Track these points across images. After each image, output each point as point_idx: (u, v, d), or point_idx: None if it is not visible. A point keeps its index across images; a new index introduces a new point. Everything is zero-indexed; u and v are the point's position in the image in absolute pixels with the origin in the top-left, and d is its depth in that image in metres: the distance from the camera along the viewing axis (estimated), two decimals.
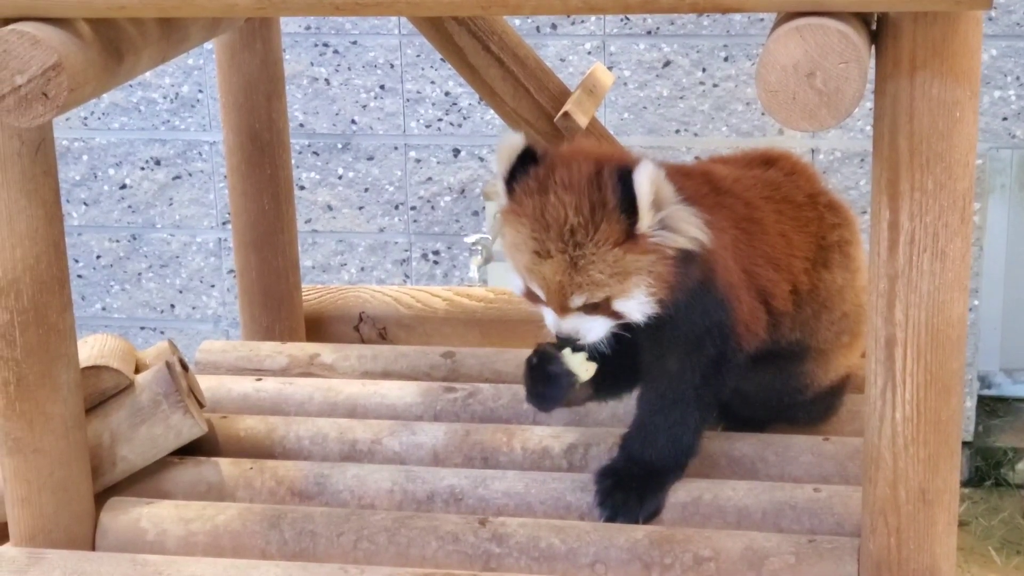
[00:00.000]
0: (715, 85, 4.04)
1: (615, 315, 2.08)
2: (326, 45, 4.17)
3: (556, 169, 2.06)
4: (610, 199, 2.02)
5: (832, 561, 2.08)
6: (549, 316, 2.11)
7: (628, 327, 2.10)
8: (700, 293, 2.13)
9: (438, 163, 4.21)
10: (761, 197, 2.29)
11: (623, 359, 2.19)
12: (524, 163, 2.09)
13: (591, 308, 2.08)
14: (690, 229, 2.06)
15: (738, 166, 2.38)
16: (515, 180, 2.09)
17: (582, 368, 2.16)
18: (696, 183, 2.19)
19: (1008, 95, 3.95)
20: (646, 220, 2.02)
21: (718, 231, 2.13)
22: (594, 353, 2.15)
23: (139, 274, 4.44)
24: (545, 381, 2.21)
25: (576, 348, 2.15)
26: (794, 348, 2.34)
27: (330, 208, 4.30)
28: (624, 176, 2.03)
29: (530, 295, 2.13)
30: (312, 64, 4.19)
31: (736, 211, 2.22)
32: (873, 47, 1.83)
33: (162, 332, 4.47)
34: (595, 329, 2.10)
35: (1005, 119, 3.97)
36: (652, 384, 2.22)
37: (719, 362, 2.19)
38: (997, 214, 4.13)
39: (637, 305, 2.07)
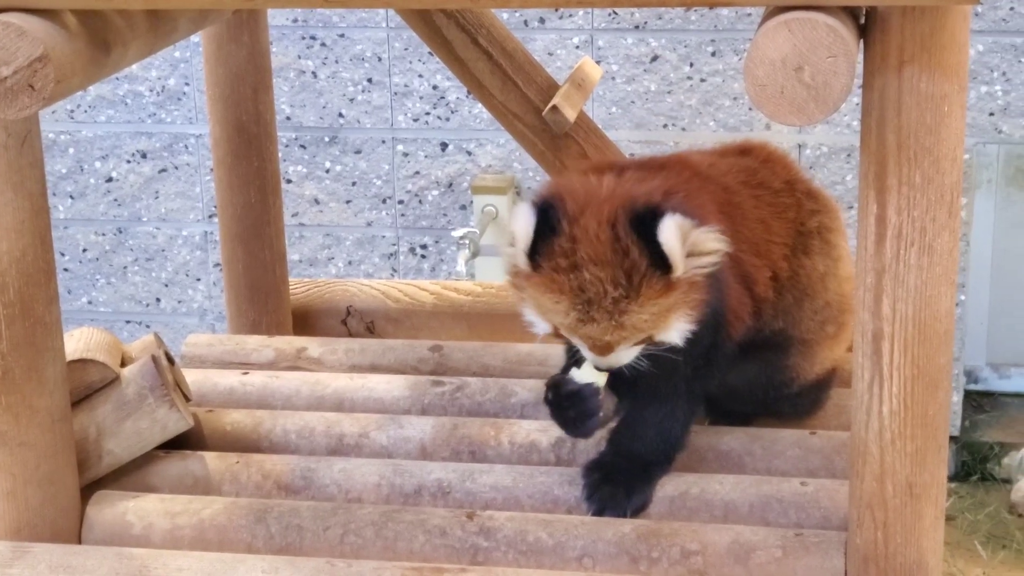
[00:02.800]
0: (703, 80, 4.04)
1: (655, 344, 2.10)
2: (313, 38, 4.17)
3: (579, 242, 2.02)
4: (640, 262, 2.00)
5: (819, 555, 2.08)
6: (591, 357, 2.11)
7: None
8: (716, 283, 2.13)
9: (426, 157, 4.21)
10: (738, 182, 2.29)
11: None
12: (541, 230, 2.04)
13: (633, 344, 2.09)
14: (714, 246, 2.05)
15: (713, 155, 2.38)
16: (537, 250, 2.05)
17: (597, 376, 2.17)
18: (674, 173, 2.18)
19: (995, 90, 3.96)
20: (680, 268, 2.02)
21: (705, 217, 2.13)
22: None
23: (125, 267, 4.43)
24: (572, 405, 2.21)
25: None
26: (778, 338, 2.34)
27: (317, 202, 4.29)
28: (640, 228, 2.00)
29: (561, 338, 2.13)
30: (299, 57, 4.18)
31: (716, 196, 2.22)
32: (861, 41, 1.84)
33: (148, 325, 4.46)
34: (632, 354, 2.11)
35: (992, 114, 3.98)
36: (643, 378, 2.22)
37: (710, 354, 2.20)
38: (984, 209, 4.14)
39: (677, 332, 2.08)
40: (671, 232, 1.99)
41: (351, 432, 2.45)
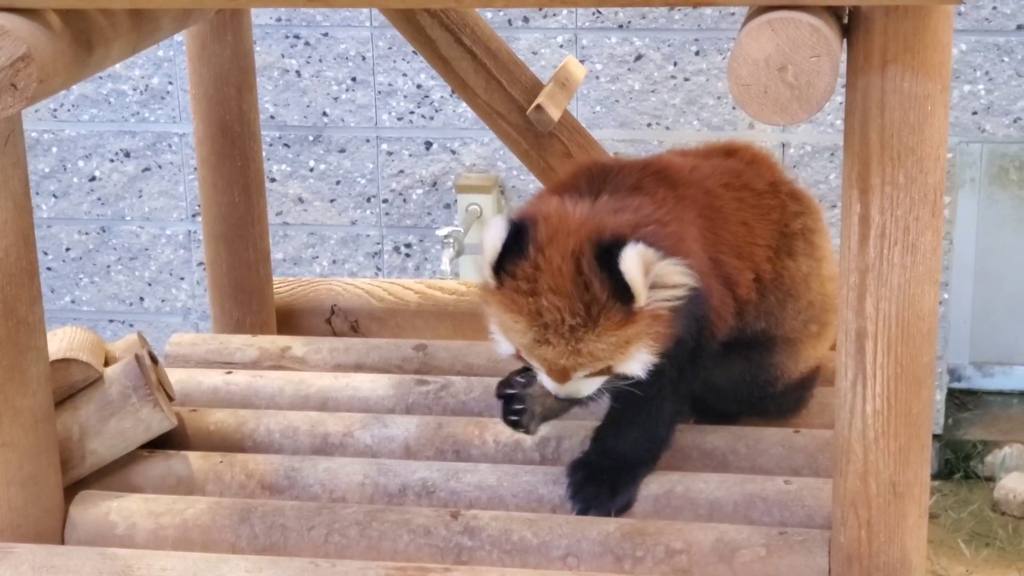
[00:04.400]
0: (687, 79, 4.04)
1: (616, 376, 2.09)
2: (297, 37, 4.16)
3: (541, 271, 2.02)
4: (601, 294, 2.00)
5: (803, 553, 2.08)
6: (548, 383, 2.11)
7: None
8: (687, 310, 2.12)
9: (410, 156, 4.20)
10: (720, 185, 2.28)
11: None
12: (510, 246, 2.05)
13: (592, 374, 2.08)
14: (679, 279, 2.05)
15: (697, 157, 2.38)
16: (503, 265, 2.05)
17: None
18: (650, 190, 2.17)
19: (978, 89, 3.97)
20: (643, 300, 2.01)
21: (685, 224, 2.13)
22: None
23: (108, 267, 4.42)
24: (521, 408, 2.27)
25: None
26: (762, 338, 2.34)
27: (301, 201, 4.29)
28: (603, 260, 2.00)
29: (523, 360, 2.13)
30: (283, 56, 4.17)
31: (697, 201, 2.22)
32: (844, 41, 1.84)
33: (131, 325, 4.45)
34: (593, 385, 2.11)
35: (975, 113, 3.99)
36: (627, 378, 2.22)
37: (694, 354, 2.20)
38: (967, 208, 4.15)
39: (639, 364, 2.07)
40: (633, 262, 1.98)
41: (335, 431, 2.45)
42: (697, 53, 4.02)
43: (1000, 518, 3.92)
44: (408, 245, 4.28)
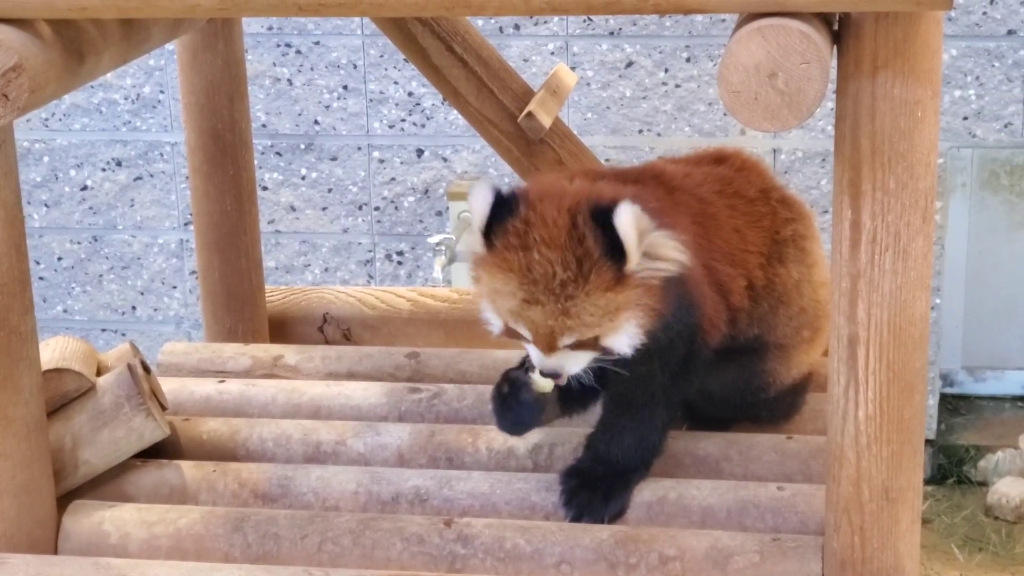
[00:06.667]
0: (677, 86, 4.05)
1: (602, 350, 2.08)
2: (288, 45, 4.16)
3: (533, 225, 2.02)
4: (594, 249, 2.00)
5: (796, 559, 2.08)
6: (534, 354, 2.09)
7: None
8: (678, 301, 2.13)
9: (402, 163, 4.20)
10: (713, 192, 2.29)
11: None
12: (498, 211, 2.05)
13: (578, 345, 2.07)
14: (671, 254, 2.05)
15: (688, 164, 2.38)
16: (492, 231, 2.05)
17: (546, 382, 2.16)
18: (649, 186, 2.18)
19: (968, 95, 3.98)
20: (634, 261, 2.01)
21: (678, 230, 2.14)
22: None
23: (100, 276, 4.42)
24: (517, 409, 2.23)
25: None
26: (754, 344, 2.34)
27: (293, 209, 4.29)
28: (599, 217, 2.00)
29: (512, 334, 2.11)
30: (275, 64, 4.18)
31: (691, 208, 2.22)
32: (835, 47, 1.84)
33: (124, 334, 4.45)
34: (579, 362, 2.09)
35: (966, 118, 3.99)
36: (619, 384, 2.22)
37: (687, 361, 2.20)
38: (958, 213, 4.16)
39: (626, 339, 2.06)
40: (628, 220, 1.97)
41: (328, 440, 2.45)
42: (688, 60, 4.02)
43: (993, 523, 3.93)
44: (400, 253, 4.28)
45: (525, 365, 2.20)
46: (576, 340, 2.05)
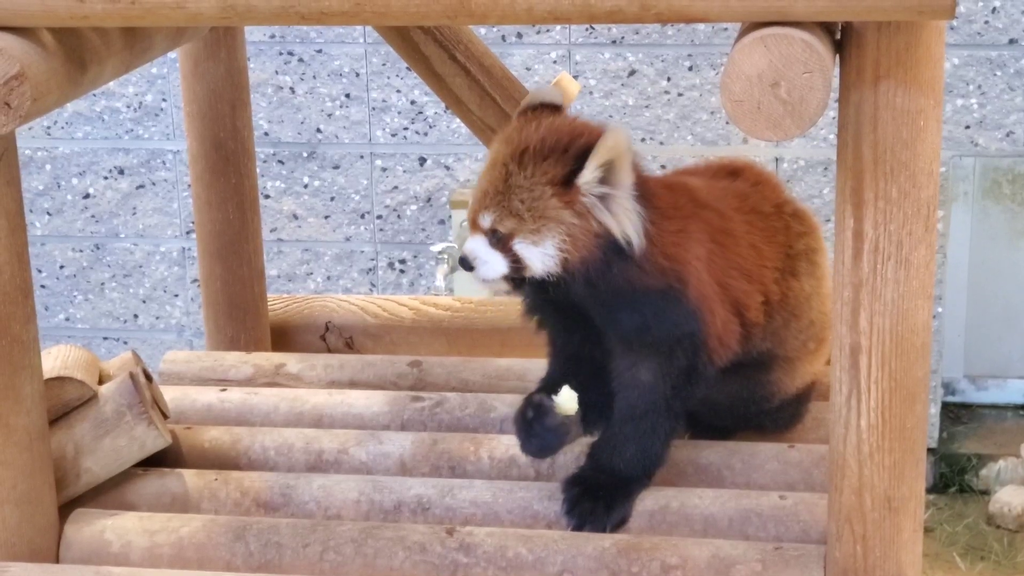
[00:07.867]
0: (680, 94, 4.05)
1: (515, 258, 2.10)
2: (291, 54, 4.17)
3: (560, 116, 2.15)
4: (572, 147, 2.07)
5: (798, 568, 2.08)
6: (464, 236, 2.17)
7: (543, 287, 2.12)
8: (669, 303, 2.13)
9: (404, 172, 4.21)
10: (732, 208, 2.29)
11: (603, 386, 2.20)
12: (543, 107, 2.18)
13: (496, 241, 2.10)
14: (625, 222, 2.07)
15: (705, 177, 2.38)
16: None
17: (572, 405, 2.18)
18: (677, 195, 2.21)
19: (970, 103, 3.98)
20: (588, 172, 2.05)
21: (695, 243, 2.14)
22: (573, 385, 2.20)
23: (102, 284, 4.42)
24: (542, 434, 2.25)
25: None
26: (763, 357, 2.34)
27: (296, 217, 4.29)
28: (589, 146, 2.07)
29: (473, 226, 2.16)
30: (277, 73, 4.18)
31: (712, 223, 2.23)
32: (837, 56, 1.84)
33: (126, 342, 4.45)
34: (490, 263, 2.12)
35: (968, 127, 4.00)
36: (623, 394, 2.22)
37: (690, 373, 2.20)
38: (960, 221, 4.16)
39: (540, 254, 2.08)
40: (612, 138, 2.03)
41: (330, 448, 2.45)
42: (690, 68, 4.03)
43: (995, 531, 3.92)
44: (402, 261, 4.29)
45: (545, 387, 2.22)
46: (494, 223, 2.09)
